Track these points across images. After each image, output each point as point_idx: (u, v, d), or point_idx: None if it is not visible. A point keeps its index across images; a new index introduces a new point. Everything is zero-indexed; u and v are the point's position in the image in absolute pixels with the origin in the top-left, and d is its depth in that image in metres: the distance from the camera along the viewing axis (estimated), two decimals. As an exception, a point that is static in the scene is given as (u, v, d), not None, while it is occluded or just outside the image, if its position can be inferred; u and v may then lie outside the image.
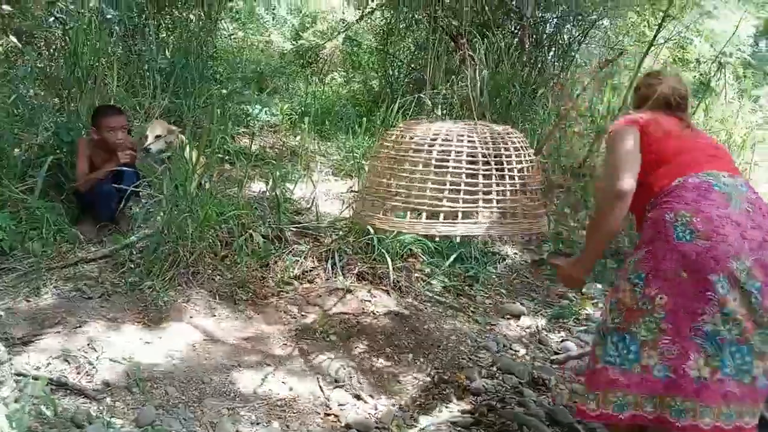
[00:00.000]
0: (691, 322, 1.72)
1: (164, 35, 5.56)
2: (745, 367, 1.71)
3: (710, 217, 1.73)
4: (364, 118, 5.56)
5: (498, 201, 2.37)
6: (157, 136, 3.62)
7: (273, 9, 10.64)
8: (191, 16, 5.63)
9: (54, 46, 4.75)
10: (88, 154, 3.43)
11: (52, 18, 4.70)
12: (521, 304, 3.67)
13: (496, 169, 2.39)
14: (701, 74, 7.06)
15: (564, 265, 2.15)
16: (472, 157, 2.36)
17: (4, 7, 4.51)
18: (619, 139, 1.95)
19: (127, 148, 3.46)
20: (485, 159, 2.38)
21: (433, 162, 2.39)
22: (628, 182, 1.85)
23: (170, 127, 3.71)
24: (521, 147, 2.48)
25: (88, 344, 2.46)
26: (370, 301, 3.28)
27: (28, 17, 4.73)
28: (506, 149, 2.43)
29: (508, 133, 2.50)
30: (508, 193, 2.40)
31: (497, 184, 2.38)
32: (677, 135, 1.98)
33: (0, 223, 2.93)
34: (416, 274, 3.69)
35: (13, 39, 4.64)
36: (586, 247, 2.05)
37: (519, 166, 2.45)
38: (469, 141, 2.39)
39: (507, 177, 2.40)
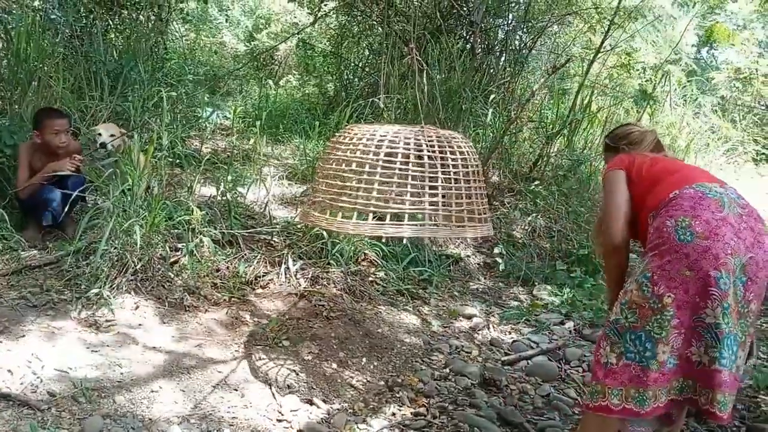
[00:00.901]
0: (694, 314, 1.87)
1: (113, 36, 5.44)
2: (733, 356, 1.88)
3: (707, 220, 1.89)
4: (318, 122, 5.57)
5: (444, 204, 2.40)
6: (112, 135, 3.55)
7: (226, 10, 10.52)
8: (141, 17, 5.53)
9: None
10: (29, 160, 3.34)
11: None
12: (474, 306, 3.73)
13: (443, 173, 2.42)
14: (646, 81, 7.31)
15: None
16: (419, 159, 2.39)
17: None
18: (609, 182, 2.20)
19: (71, 153, 3.38)
20: (431, 162, 2.41)
21: (380, 164, 2.41)
22: (621, 235, 2.08)
23: (120, 130, 3.64)
24: (467, 152, 2.51)
25: (33, 354, 2.39)
26: (323, 305, 3.28)
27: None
28: (452, 153, 2.47)
29: (454, 138, 2.54)
30: (454, 197, 2.44)
31: (443, 188, 2.42)
32: (663, 160, 2.25)
33: (-63, 229, 2.82)
34: (370, 278, 3.71)
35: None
36: (606, 284, 2.31)
37: (465, 170, 2.49)
38: (415, 144, 2.42)
39: (453, 181, 2.44)
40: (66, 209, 3.28)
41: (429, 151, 2.38)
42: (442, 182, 2.38)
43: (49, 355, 2.41)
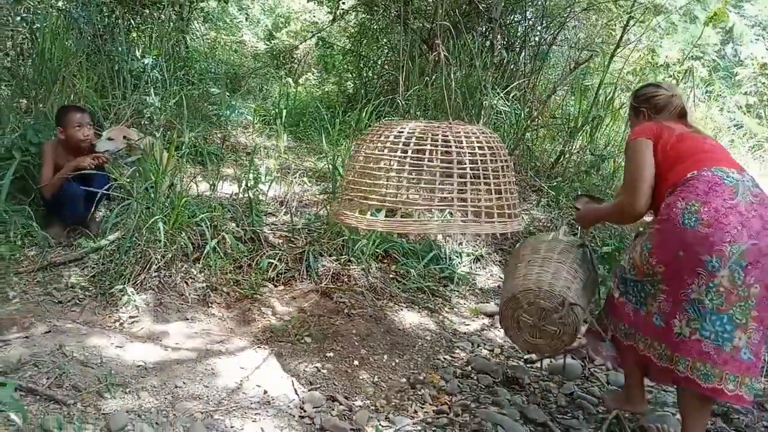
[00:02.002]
0: (681, 289, 2.06)
1: (135, 35, 5.48)
2: (726, 335, 2.01)
3: (716, 208, 2.02)
4: (338, 120, 5.56)
5: (472, 200, 2.38)
6: (110, 140, 3.55)
7: (246, 9, 10.57)
8: (162, 16, 5.57)
9: (20, 47, 4.65)
10: (53, 158, 3.38)
11: (19, 17, 4.61)
12: (495, 303, 3.70)
13: (471, 168, 2.40)
14: (670, 76, 7.20)
15: (581, 209, 2.70)
16: (447, 156, 2.37)
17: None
18: (635, 152, 2.27)
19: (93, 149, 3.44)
20: (459, 158, 2.39)
21: (408, 161, 2.40)
22: (645, 208, 2.23)
23: (129, 131, 3.65)
24: (495, 146, 2.49)
25: (58, 349, 2.41)
26: (345, 302, 3.28)
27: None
28: (480, 148, 2.45)
29: (483, 133, 2.52)
30: (482, 192, 2.42)
31: (472, 183, 2.40)
32: (690, 137, 2.29)
33: (-35, 226, 2.87)
34: (391, 275, 3.70)
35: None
36: (596, 213, 2.61)
37: (494, 165, 2.47)
38: (443, 140, 2.41)
39: (481, 176, 2.42)
40: (90, 205, 3.31)
41: (456, 147, 2.37)
42: (470, 178, 2.37)
43: (74, 350, 2.43)
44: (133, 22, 5.44)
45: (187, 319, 2.86)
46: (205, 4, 7.12)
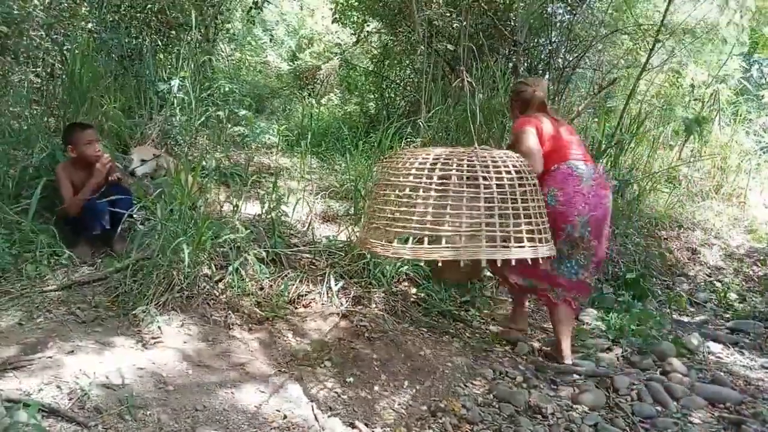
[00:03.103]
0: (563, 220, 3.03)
1: (161, 56, 5.58)
2: (573, 271, 3.15)
3: (568, 192, 3.02)
4: (361, 141, 5.58)
5: (501, 225, 2.36)
6: (143, 160, 3.61)
7: (270, 30, 10.71)
8: (189, 38, 5.66)
9: (50, 68, 4.76)
10: (69, 178, 3.43)
11: (50, 39, 4.71)
12: (517, 329, 3.65)
13: (498, 193, 2.38)
14: (695, 99, 7.13)
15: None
16: (473, 181, 2.36)
17: (1, 28, 4.52)
18: (527, 135, 3.07)
19: (108, 162, 3.49)
20: (486, 183, 2.38)
21: (434, 187, 2.39)
22: (541, 167, 3.01)
23: (155, 151, 3.71)
24: (523, 171, 2.48)
25: (80, 369, 2.42)
26: (365, 326, 3.26)
27: (24, 37, 4.74)
28: (507, 173, 2.43)
29: (509, 157, 2.50)
30: (510, 217, 2.40)
31: (499, 209, 2.38)
32: (556, 131, 3.15)
33: (-7, 245, 2.91)
34: (412, 299, 3.68)
35: (9, 60, 4.64)
36: None
37: (522, 189, 2.45)
38: (468, 165, 2.40)
39: (509, 201, 2.40)
40: (115, 226, 3.35)
41: (483, 172, 2.35)
42: (498, 203, 2.35)
43: (97, 370, 2.44)
44: (159, 43, 5.54)
45: (209, 341, 2.86)
46: (230, 25, 7.23)
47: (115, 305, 2.92)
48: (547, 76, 6.62)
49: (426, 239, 2.35)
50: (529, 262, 2.50)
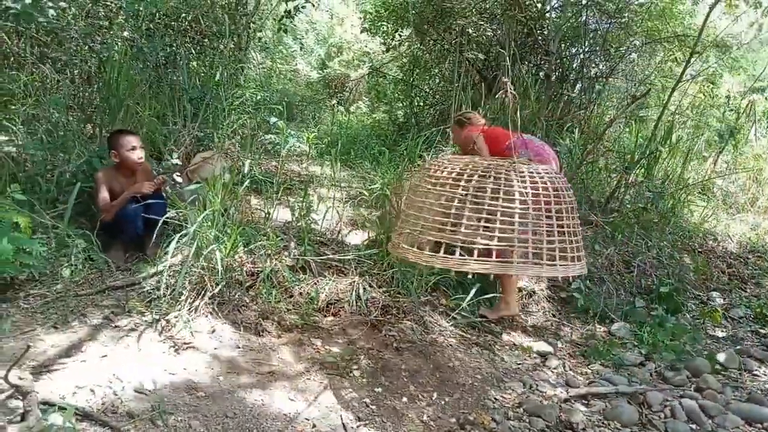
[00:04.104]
0: None
1: (195, 64, 5.65)
2: None
3: (534, 147, 3.75)
4: (388, 149, 5.58)
5: (534, 241, 2.33)
6: (203, 159, 3.67)
7: (301, 39, 10.81)
8: (222, 46, 5.73)
9: (87, 75, 4.85)
10: (109, 184, 3.48)
11: (87, 47, 4.81)
12: (548, 342, 3.61)
13: (534, 209, 2.36)
14: (731, 110, 7.00)
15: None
16: (509, 195, 2.34)
17: (42, 37, 4.64)
18: (481, 141, 3.85)
19: (147, 172, 3.55)
20: (522, 198, 2.36)
21: (469, 198, 2.37)
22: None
23: (206, 155, 3.77)
24: (561, 188, 2.45)
25: (114, 374, 2.45)
26: (394, 335, 3.25)
27: (63, 46, 4.85)
28: (545, 189, 2.41)
29: (547, 173, 2.47)
30: (545, 233, 2.37)
31: (534, 224, 2.35)
32: (492, 130, 3.99)
33: (31, 249, 2.95)
34: (440, 309, 3.65)
35: (49, 68, 4.75)
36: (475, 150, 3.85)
37: (557, 207, 2.42)
38: (506, 179, 2.37)
39: (544, 217, 2.37)
40: (148, 231, 3.39)
41: (520, 187, 2.33)
42: (532, 219, 2.33)
43: (130, 375, 2.47)
44: (193, 52, 5.62)
45: (239, 348, 2.87)
46: (262, 34, 7.30)
47: (147, 310, 2.96)
48: (578, 85, 6.57)
49: (458, 250, 2.34)
50: None
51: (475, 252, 2.28)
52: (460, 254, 2.32)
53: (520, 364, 3.34)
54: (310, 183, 4.93)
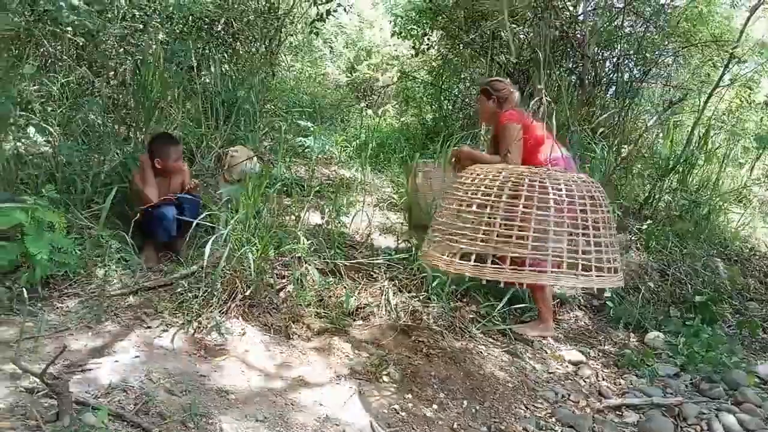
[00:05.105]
0: None
1: (226, 67, 5.70)
2: None
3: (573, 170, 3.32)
4: (418, 153, 5.55)
5: (569, 251, 2.29)
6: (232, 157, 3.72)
7: (330, 42, 10.84)
8: (253, 50, 5.78)
9: (122, 78, 4.92)
10: (149, 173, 3.54)
11: (122, 50, 4.88)
12: (580, 351, 3.54)
13: (569, 218, 2.32)
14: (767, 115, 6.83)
15: (466, 149, 3.72)
16: (544, 203, 2.30)
17: (78, 39, 4.71)
18: (514, 131, 3.37)
19: (186, 172, 3.62)
20: (557, 207, 2.31)
21: (502, 206, 2.34)
22: (519, 162, 3.33)
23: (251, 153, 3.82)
24: (597, 197, 2.40)
25: (146, 375, 2.47)
26: (424, 341, 3.21)
27: (98, 48, 4.92)
28: (581, 198, 2.36)
29: (583, 181, 2.43)
30: (580, 243, 2.32)
31: (569, 234, 2.31)
32: (536, 128, 3.44)
33: (66, 248, 2.99)
34: (470, 315, 3.61)
35: (85, 69, 4.82)
36: (480, 156, 3.60)
37: (594, 216, 2.37)
38: (540, 187, 2.33)
39: (580, 227, 2.33)
40: (182, 231, 3.42)
41: (555, 195, 2.29)
42: (567, 227, 2.28)
43: (161, 376, 2.48)
44: (225, 55, 5.67)
45: (269, 351, 2.87)
46: (293, 38, 7.34)
47: (179, 311, 2.97)
48: (612, 90, 6.47)
49: (489, 259, 2.30)
50: None
51: (508, 261, 2.25)
52: (493, 263, 2.28)
53: (551, 372, 3.28)
54: (340, 186, 4.92)
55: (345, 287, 3.43)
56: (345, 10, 7.04)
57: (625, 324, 3.97)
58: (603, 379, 3.31)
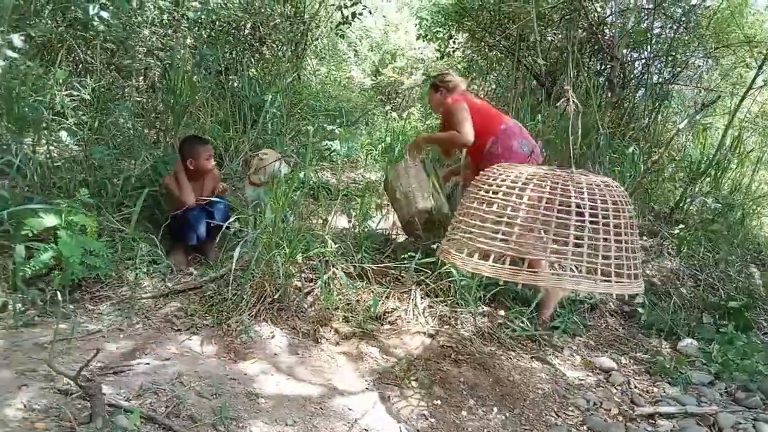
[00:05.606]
0: None
1: (254, 71, 5.74)
2: None
3: (529, 138, 3.73)
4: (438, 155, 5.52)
5: (589, 255, 2.25)
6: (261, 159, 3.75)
7: (355, 46, 10.87)
8: (280, 54, 5.81)
9: (151, 82, 4.98)
10: (183, 177, 3.58)
11: (153, 55, 4.94)
12: (611, 358, 3.48)
13: (591, 222, 2.28)
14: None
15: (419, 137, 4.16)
16: (566, 206, 2.27)
17: (108, 45, 4.78)
18: (460, 109, 3.65)
19: (215, 177, 3.64)
20: (579, 210, 2.28)
21: (522, 208, 2.31)
22: (471, 140, 3.61)
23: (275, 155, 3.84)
24: (620, 202, 2.35)
25: (177, 377, 2.48)
26: (451, 347, 3.19)
27: (128, 53, 4.99)
28: (603, 202, 2.32)
29: (607, 185, 2.39)
30: (601, 248, 2.28)
31: (590, 238, 2.27)
32: (481, 106, 3.82)
33: (98, 251, 3.02)
34: (499, 321, 3.58)
35: (115, 74, 4.90)
36: (432, 137, 4.18)
37: (616, 221, 2.32)
38: (563, 190, 2.30)
39: (601, 231, 2.29)
40: (211, 235, 3.44)
41: (577, 198, 2.25)
42: (589, 232, 2.24)
43: (192, 379, 2.49)
44: (252, 60, 5.71)
45: (298, 354, 2.87)
46: (318, 42, 7.37)
47: (209, 314, 2.99)
48: (641, 92, 6.38)
49: (508, 260, 2.28)
50: None
51: (527, 263, 2.22)
52: (511, 263, 2.26)
53: (582, 379, 3.23)
54: (366, 189, 4.91)
55: (372, 291, 3.42)
56: (370, 12, 7.04)
57: (657, 330, 3.90)
58: (635, 387, 3.25)
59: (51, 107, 4.06)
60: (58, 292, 2.70)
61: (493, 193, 2.43)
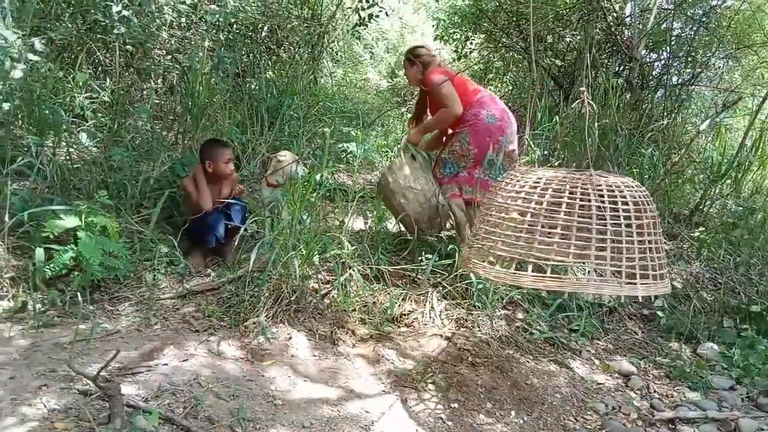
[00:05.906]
0: (483, 155, 3.79)
1: (270, 74, 5.77)
2: (493, 174, 3.82)
3: (501, 109, 3.85)
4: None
5: (612, 258, 2.22)
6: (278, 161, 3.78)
7: (371, 48, 10.89)
8: (297, 56, 5.82)
9: (170, 85, 5.02)
10: (201, 181, 3.60)
11: (171, 57, 4.97)
12: (630, 362, 3.44)
13: (612, 224, 2.25)
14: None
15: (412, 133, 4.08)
16: (586, 209, 2.24)
17: (127, 47, 4.82)
18: (449, 87, 3.75)
19: (233, 180, 3.65)
20: (600, 212, 2.25)
21: (542, 213, 2.29)
22: (460, 110, 3.75)
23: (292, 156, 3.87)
24: (642, 201, 2.33)
25: (194, 378, 2.48)
26: (468, 350, 3.17)
27: (147, 56, 5.03)
28: (624, 203, 2.29)
29: (627, 186, 2.36)
30: (624, 251, 2.25)
31: (612, 240, 2.25)
32: (458, 78, 3.89)
33: (117, 252, 3.05)
34: (516, 324, 3.55)
35: (134, 77, 4.94)
36: (424, 126, 4.04)
37: (638, 222, 2.29)
38: (582, 192, 2.28)
39: (624, 233, 2.26)
40: (229, 237, 3.46)
41: (597, 201, 2.23)
42: (611, 234, 2.22)
43: (209, 380, 2.50)
44: (269, 62, 5.73)
45: (315, 356, 2.87)
46: (335, 44, 7.39)
47: (226, 315, 3.00)
48: (659, 93, 6.31)
49: (530, 267, 2.26)
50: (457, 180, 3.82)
51: (549, 269, 2.20)
52: (533, 270, 2.24)
53: (601, 384, 3.20)
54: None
55: (389, 293, 3.41)
56: (387, 14, 7.04)
57: (676, 334, 3.85)
58: (654, 391, 3.21)
59: (71, 109, 4.10)
60: (78, 293, 2.72)
61: (512, 199, 2.41)
